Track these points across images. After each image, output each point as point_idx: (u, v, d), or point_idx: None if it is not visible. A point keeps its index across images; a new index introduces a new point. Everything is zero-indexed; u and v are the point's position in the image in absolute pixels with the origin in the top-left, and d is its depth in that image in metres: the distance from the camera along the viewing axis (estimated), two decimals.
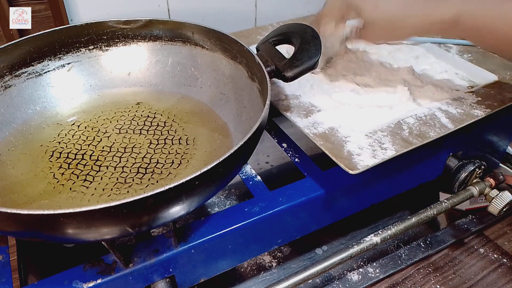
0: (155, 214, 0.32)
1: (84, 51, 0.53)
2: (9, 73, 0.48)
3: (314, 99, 0.53)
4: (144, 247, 0.40)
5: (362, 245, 0.45)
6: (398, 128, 0.47)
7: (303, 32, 0.49)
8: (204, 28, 0.51)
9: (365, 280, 0.51)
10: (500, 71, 0.57)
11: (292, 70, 0.46)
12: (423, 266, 0.53)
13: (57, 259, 0.48)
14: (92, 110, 0.51)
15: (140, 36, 0.54)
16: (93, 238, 0.33)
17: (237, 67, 0.50)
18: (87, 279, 0.38)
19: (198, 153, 0.46)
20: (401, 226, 0.47)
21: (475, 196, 0.53)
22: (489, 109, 0.50)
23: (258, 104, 0.45)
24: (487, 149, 0.61)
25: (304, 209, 0.46)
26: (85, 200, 0.40)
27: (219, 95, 0.51)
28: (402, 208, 0.61)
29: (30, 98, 0.49)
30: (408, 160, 0.51)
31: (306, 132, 0.47)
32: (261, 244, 0.47)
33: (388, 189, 0.54)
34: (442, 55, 0.62)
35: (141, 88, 0.54)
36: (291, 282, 0.42)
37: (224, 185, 0.39)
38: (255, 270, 0.52)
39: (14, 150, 0.45)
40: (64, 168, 0.44)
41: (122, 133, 0.48)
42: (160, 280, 0.41)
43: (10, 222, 0.30)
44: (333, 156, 0.43)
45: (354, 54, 0.64)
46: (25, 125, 0.48)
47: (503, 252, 0.55)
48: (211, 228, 0.42)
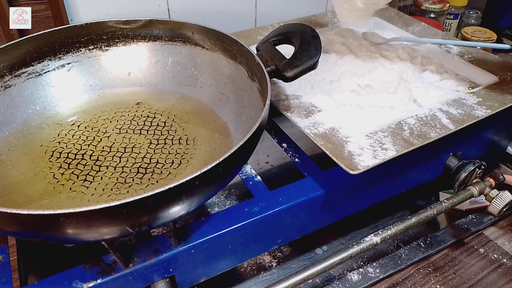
0: (155, 214, 0.32)
1: (84, 51, 0.53)
2: (9, 73, 0.48)
3: (315, 99, 0.53)
4: (144, 247, 0.40)
5: (362, 245, 0.45)
6: (399, 128, 0.47)
7: (303, 32, 0.49)
8: (204, 28, 0.51)
9: (365, 280, 0.51)
10: (500, 72, 0.57)
11: (292, 70, 0.46)
12: (423, 266, 0.53)
13: (57, 259, 0.48)
14: (92, 110, 0.51)
15: (140, 36, 0.54)
16: (93, 238, 0.33)
17: (237, 67, 0.50)
18: (87, 279, 0.38)
19: (198, 153, 0.46)
20: (401, 226, 0.47)
21: (475, 196, 0.53)
22: (490, 110, 0.50)
23: (258, 104, 0.45)
24: (487, 149, 0.61)
25: (304, 209, 0.46)
26: (85, 200, 0.40)
27: (219, 95, 0.51)
28: (402, 208, 0.61)
29: (30, 98, 0.49)
30: (408, 160, 0.51)
31: (306, 132, 0.47)
32: (261, 244, 0.47)
33: (388, 189, 0.54)
34: (442, 56, 0.62)
35: (141, 88, 0.54)
36: (291, 282, 0.42)
37: (224, 185, 0.39)
38: (255, 270, 0.52)
39: (14, 150, 0.45)
40: (64, 168, 0.44)
41: (122, 133, 0.48)
42: (160, 280, 0.41)
43: (10, 222, 0.30)
44: (333, 156, 0.43)
45: (355, 55, 0.64)
46: (25, 125, 0.48)
47: (503, 252, 0.55)
48: (211, 228, 0.42)
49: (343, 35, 0.68)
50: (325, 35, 0.67)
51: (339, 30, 0.69)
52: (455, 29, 0.92)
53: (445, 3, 0.86)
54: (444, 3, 0.86)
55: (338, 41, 0.67)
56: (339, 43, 0.66)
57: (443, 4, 0.85)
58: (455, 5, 0.89)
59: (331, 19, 0.72)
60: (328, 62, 0.62)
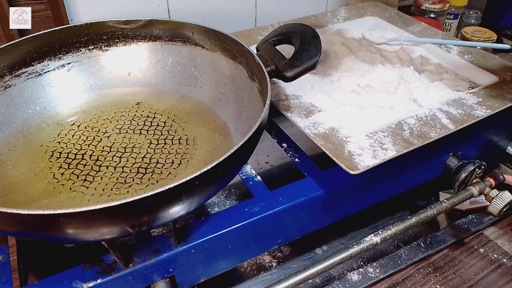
0: (155, 214, 0.32)
1: (84, 51, 0.53)
2: (9, 73, 0.48)
3: (315, 99, 0.53)
4: (144, 247, 0.40)
5: (362, 245, 0.45)
6: (399, 128, 0.47)
7: (303, 32, 0.49)
8: (204, 28, 0.51)
9: (365, 280, 0.51)
10: (500, 72, 0.57)
11: (292, 70, 0.46)
12: (423, 266, 0.53)
13: (57, 259, 0.48)
14: (92, 110, 0.51)
15: (140, 36, 0.54)
16: (93, 238, 0.33)
17: (237, 67, 0.50)
18: (87, 279, 0.38)
19: (198, 153, 0.46)
20: (401, 226, 0.47)
21: (475, 196, 0.53)
22: (490, 110, 0.50)
23: (258, 104, 0.45)
24: (487, 149, 0.61)
25: (304, 209, 0.46)
26: (85, 200, 0.40)
27: (219, 95, 0.51)
28: (402, 208, 0.61)
29: (30, 98, 0.49)
30: (408, 160, 0.51)
31: (306, 132, 0.47)
32: (261, 244, 0.47)
33: (388, 189, 0.54)
34: (442, 56, 0.62)
35: (141, 88, 0.54)
36: (291, 282, 0.42)
37: (224, 185, 0.39)
38: (255, 270, 0.52)
39: (14, 150, 0.45)
40: (64, 168, 0.44)
41: (122, 133, 0.48)
42: (160, 280, 0.41)
43: (10, 222, 0.30)
44: (333, 156, 0.43)
45: (355, 55, 0.64)
46: (25, 125, 0.48)
47: (503, 252, 0.55)
48: (211, 228, 0.42)
49: (343, 35, 0.68)
50: (325, 35, 0.67)
51: (339, 30, 0.69)
52: (455, 29, 0.92)
53: (445, 3, 0.86)
54: (444, 3, 0.86)
55: (338, 41, 0.67)
56: (339, 43, 0.66)
57: (443, 4, 0.85)
58: (455, 5, 0.89)
59: (331, 19, 0.72)
60: (328, 62, 0.62)
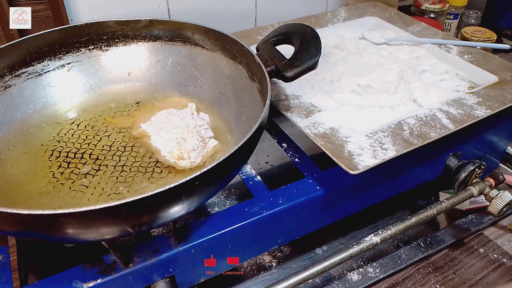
0: (155, 214, 0.32)
1: (84, 51, 0.53)
2: (9, 73, 0.48)
3: (315, 99, 0.53)
4: (144, 247, 0.40)
5: (362, 245, 0.45)
6: (399, 128, 0.47)
7: (303, 32, 0.49)
8: (204, 28, 0.51)
9: (365, 280, 0.51)
10: (500, 72, 0.57)
11: (292, 70, 0.46)
12: (423, 266, 0.53)
13: (57, 259, 0.48)
14: (92, 109, 0.51)
15: (140, 36, 0.54)
16: (93, 238, 0.33)
17: (237, 67, 0.50)
18: (87, 279, 0.38)
19: None
20: (401, 226, 0.47)
21: (475, 196, 0.53)
22: (490, 110, 0.50)
23: (258, 104, 0.45)
24: (487, 149, 0.61)
25: (304, 209, 0.46)
26: (85, 199, 0.40)
27: (219, 95, 0.51)
28: (402, 208, 0.61)
29: (30, 98, 0.49)
30: (408, 160, 0.51)
31: (306, 132, 0.47)
32: (261, 244, 0.47)
33: (388, 189, 0.54)
34: (442, 56, 0.62)
35: (141, 88, 0.54)
36: (291, 282, 0.42)
37: (224, 185, 0.39)
38: (255, 270, 0.52)
39: (14, 149, 0.45)
40: (64, 167, 0.44)
41: (122, 132, 0.48)
42: (160, 280, 0.41)
43: (10, 222, 0.30)
44: (333, 156, 0.43)
45: (355, 55, 0.64)
46: (25, 124, 0.48)
47: (503, 252, 0.55)
48: (211, 228, 0.42)
49: (343, 35, 0.68)
50: (325, 35, 0.67)
51: (339, 30, 0.69)
52: (455, 29, 0.92)
53: (445, 3, 0.86)
54: (444, 3, 0.86)
55: (338, 41, 0.67)
56: (339, 43, 0.66)
57: (443, 4, 0.86)
58: (455, 5, 0.89)
59: (331, 19, 0.72)
60: (328, 62, 0.62)
